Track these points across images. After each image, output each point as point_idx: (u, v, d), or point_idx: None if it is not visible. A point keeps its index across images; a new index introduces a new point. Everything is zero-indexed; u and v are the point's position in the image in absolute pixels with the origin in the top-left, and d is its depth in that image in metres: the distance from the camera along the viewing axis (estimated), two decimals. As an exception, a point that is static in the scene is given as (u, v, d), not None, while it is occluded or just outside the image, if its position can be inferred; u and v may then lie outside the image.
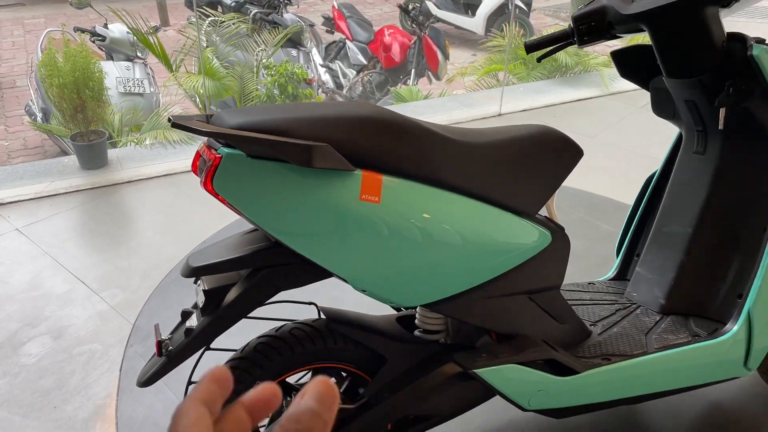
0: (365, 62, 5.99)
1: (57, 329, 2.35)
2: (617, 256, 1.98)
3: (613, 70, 4.89)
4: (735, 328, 1.58)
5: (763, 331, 1.59)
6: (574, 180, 3.27)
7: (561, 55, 4.75)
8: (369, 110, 1.24)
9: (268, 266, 1.28)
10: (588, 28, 1.69)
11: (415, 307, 1.54)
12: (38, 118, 4.97)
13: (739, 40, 1.54)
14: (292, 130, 1.16)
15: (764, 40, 1.61)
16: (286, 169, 1.16)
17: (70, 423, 1.97)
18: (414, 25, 6.12)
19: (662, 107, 1.80)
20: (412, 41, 5.96)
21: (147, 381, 1.30)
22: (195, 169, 1.26)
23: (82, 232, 2.96)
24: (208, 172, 1.17)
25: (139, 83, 4.83)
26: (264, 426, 1.49)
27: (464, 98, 4.62)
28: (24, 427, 1.95)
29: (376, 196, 1.20)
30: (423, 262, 1.28)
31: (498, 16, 7.73)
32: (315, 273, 1.29)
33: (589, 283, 1.92)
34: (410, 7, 7.63)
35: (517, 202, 1.39)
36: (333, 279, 1.37)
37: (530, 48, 1.81)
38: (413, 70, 5.89)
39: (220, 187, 1.17)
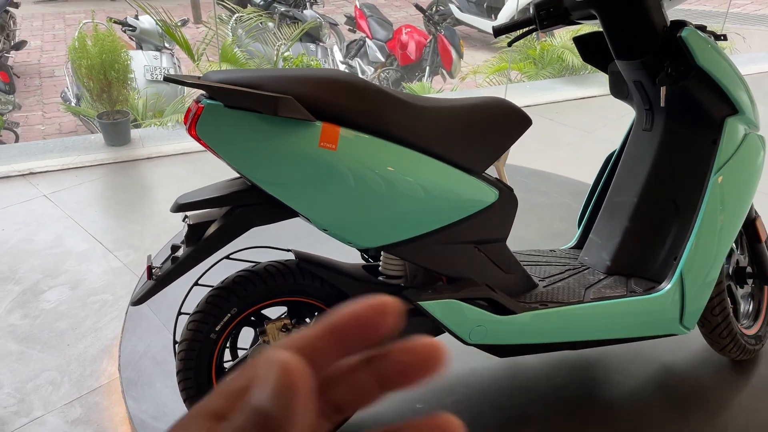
0: (383, 59, 6.21)
1: (74, 281, 2.60)
2: (578, 228, 2.15)
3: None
4: (668, 287, 1.74)
5: (695, 292, 1.75)
6: (567, 168, 3.45)
7: (568, 56, 4.90)
8: (331, 72, 1.45)
9: (244, 205, 1.50)
10: (547, 13, 1.88)
11: (377, 255, 1.74)
12: (72, 104, 5.31)
13: (679, 26, 1.71)
14: (263, 85, 1.37)
15: (705, 27, 1.78)
16: (257, 118, 1.38)
17: (80, 358, 2.21)
18: (431, 25, 6.33)
19: (618, 89, 1.97)
20: (428, 40, 6.17)
21: (137, 301, 1.53)
22: (185, 119, 1.48)
23: (103, 200, 3.23)
24: (193, 120, 1.39)
25: (166, 72, 5.12)
26: None
27: (471, 93, 4.80)
28: (40, 360, 2.20)
29: (333, 144, 1.41)
30: (375, 207, 1.48)
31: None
32: (284, 212, 1.50)
33: (550, 250, 2.10)
34: (433, 9, 7.84)
35: (465, 161, 1.58)
36: (313, 231, 1.56)
37: (497, 32, 2.00)
38: (428, 68, 6.10)
39: (202, 133, 1.39)
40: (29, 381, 2.11)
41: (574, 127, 4.18)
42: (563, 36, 5.34)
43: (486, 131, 1.60)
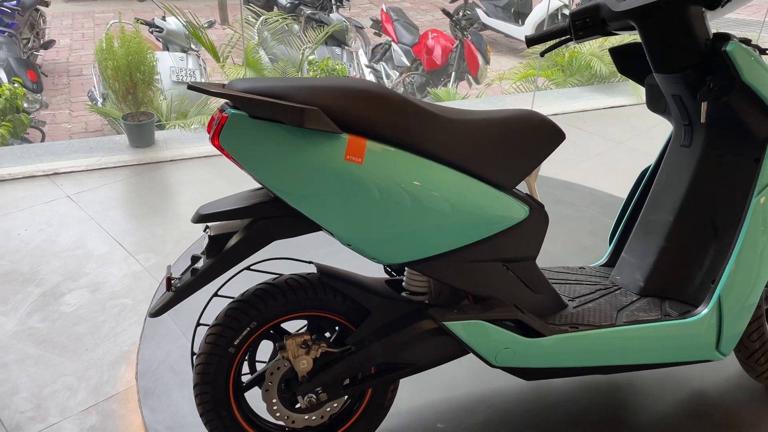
0: (408, 64, 6.16)
1: (95, 284, 2.59)
2: (609, 245, 2.08)
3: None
4: (705, 311, 1.66)
5: (733, 316, 1.67)
6: (596, 180, 3.37)
7: (596, 64, 4.81)
8: (358, 83, 1.41)
9: (266, 217, 1.46)
10: (583, 23, 1.81)
11: (402, 269, 1.69)
12: (98, 103, 5.34)
13: (723, 39, 1.63)
14: (289, 96, 1.33)
15: (749, 40, 1.70)
16: (282, 129, 1.33)
17: (98, 363, 2.19)
18: (457, 30, 6.27)
19: (655, 103, 1.90)
20: (455, 45, 6.10)
21: (156, 312, 1.49)
22: (209, 128, 1.44)
23: (125, 202, 3.22)
24: (216, 129, 1.35)
25: (191, 73, 5.13)
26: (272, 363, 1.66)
27: (497, 100, 4.74)
28: (58, 364, 2.18)
29: (359, 158, 1.36)
30: (401, 222, 1.43)
31: (544, 25, 7.79)
32: (306, 225, 1.46)
33: (580, 268, 2.03)
34: (460, 14, 7.77)
35: (495, 176, 1.52)
36: (333, 242, 1.52)
37: (530, 42, 1.93)
38: (453, 73, 6.03)
39: (225, 143, 1.35)
40: (46, 386, 2.10)
41: (603, 137, 4.09)
42: (592, 43, 5.24)
43: (518, 145, 1.54)
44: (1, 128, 3.94)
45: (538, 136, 1.58)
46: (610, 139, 4.07)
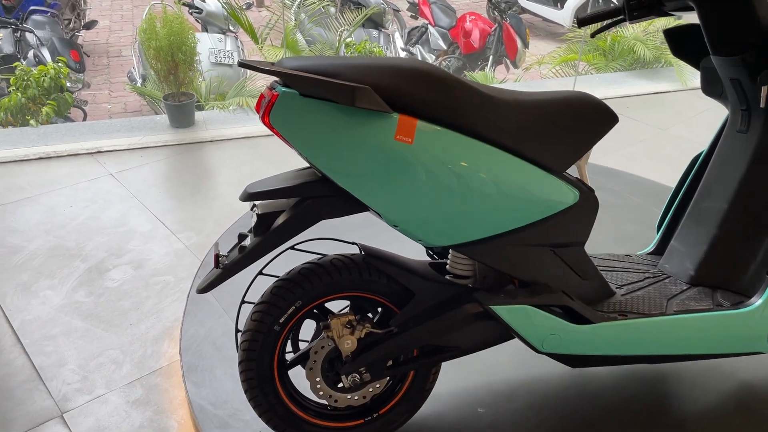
0: (445, 47, 6.09)
1: (138, 261, 2.63)
2: (657, 232, 2.03)
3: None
4: (759, 302, 1.61)
5: (788, 308, 1.62)
6: (640, 167, 3.30)
7: (640, 48, 4.69)
8: (410, 62, 1.39)
9: (314, 197, 1.45)
10: (638, 3, 1.76)
11: (445, 252, 1.68)
12: (138, 84, 5.41)
13: None
14: (340, 74, 1.32)
15: (816, 22, 1.63)
16: (333, 107, 1.32)
17: (142, 339, 2.23)
18: (496, 13, 6.16)
19: (711, 87, 1.84)
20: (493, 28, 6.01)
21: (204, 288, 1.50)
22: (258, 107, 1.44)
23: (166, 181, 3.26)
24: (267, 108, 1.35)
25: (229, 55, 5.15)
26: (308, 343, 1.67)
27: (536, 85, 4.66)
28: (104, 339, 2.23)
29: (410, 138, 1.34)
30: (450, 203, 1.41)
31: (586, 8, 7.62)
32: (354, 205, 1.45)
33: (626, 255, 1.99)
34: (499, -5, 7.65)
35: (546, 159, 1.49)
36: (376, 222, 1.52)
37: (582, 22, 1.89)
38: (491, 57, 5.95)
39: (275, 122, 1.35)
40: (93, 359, 2.14)
41: (647, 123, 3.99)
42: (636, 26, 5.11)
43: (569, 128, 1.51)
44: (47, 107, 4.02)
45: (591, 119, 1.54)
46: (653, 125, 3.97)
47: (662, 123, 3.97)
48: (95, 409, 1.96)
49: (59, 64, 4.16)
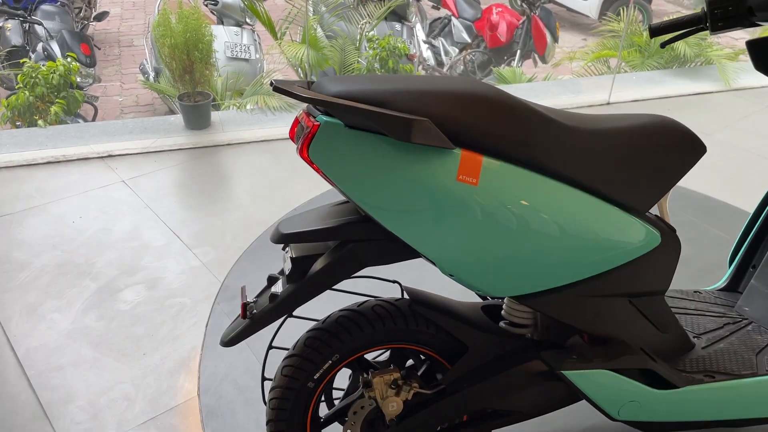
0: (469, 40, 5.84)
1: (152, 280, 2.45)
2: (729, 266, 1.82)
3: (738, 64, 4.52)
4: None
5: None
6: (684, 178, 3.06)
7: (680, 45, 4.42)
8: (472, 86, 1.18)
9: (356, 240, 1.25)
10: (724, 13, 1.53)
11: (503, 298, 1.48)
12: (150, 77, 5.22)
13: None
14: (393, 102, 1.11)
15: None
16: (383, 141, 1.12)
17: (157, 371, 2.05)
18: (524, 5, 5.90)
19: None
20: (521, 21, 5.75)
21: (230, 341, 1.31)
22: (292, 135, 1.24)
23: (182, 189, 3.07)
24: (305, 140, 1.14)
25: (246, 49, 4.94)
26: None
27: (571, 84, 4.41)
28: (115, 370, 2.05)
29: (474, 178, 1.14)
30: (518, 252, 1.21)
31: (614, 0, 7.34)
32: (403, 252, 1.25)
33: (695, 292, 1.78)
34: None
35: (627, 198, 1.28)
36: (419, 259, 1.33)
37: (655, 32, 1.66)
38: (519, 51, 5.69)
39: (316, 156, 1.14)
40: (103, 394, 1.97)
41: (690, 127, 3.74)
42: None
43: (654, 161, 1.30)
44: (56, 106, 3.84)
45: (677, 150, 1.33)
46: (697, 130, 3.71)
47: (706, 127, 3.73)
48: (106, 453, 1.79)
49: (69, 59, 3.96)
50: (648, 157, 1.30)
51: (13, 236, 2.67)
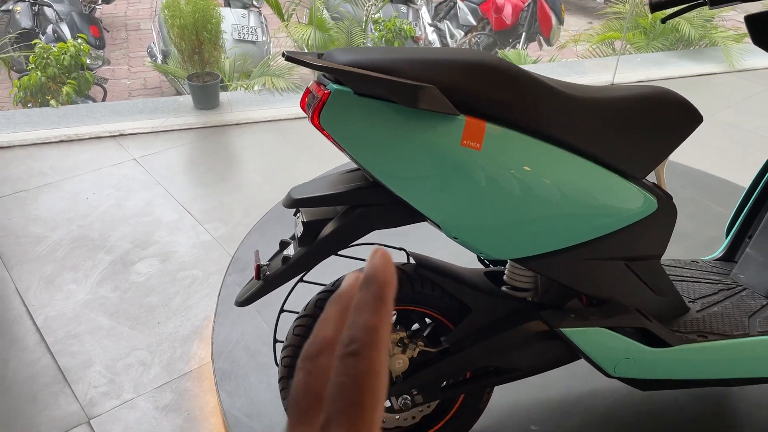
0: (474, 23, 5.86)
1: (164, 253, 2.52)
2: (726, 237, 1.87)
3: (743, 46, 4.54)
4: None
5: None
6: (687, 157, 3.11)
7: (684, 26, 4.44)
8: (477, 56, 1.23)
9: (365, 205, 1.31)
10: (723, -13, 1.58)
11: (504, 262, 1.54)
12: (158, 60, 5.26)
13: None
14: (401, 70, 1.17)
15: None
16: (391, 108, 1.17)
17: (171, 338, 2.13)
18: (529, -13, 5.90)
19: None
20: (526, 3, 5.76)
21: (244, 301, 1.38)
22: (303, 105, 1.29)
23: (192, 167, 3.13)
24: (316, 107, 1.20)
25: (253, 31, 4.98)
26: None
27: (575, 65, 4.44)
28: (130, 338, 2.13)
29: (478, 143, 1.19)
30: (519, 215, 1.27)
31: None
32: (409, 215, 1.31)
33: (692, 261, 1.83)
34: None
35: (625, 164, 1.33)
36: (424, 227, 1.39)
37: (656, 6, 1.70)
38: (524, 34, 5.71)
39: (327, 123, 1.20)
40: (120, 359, 2.04)
41: (693, 108, 3.78)
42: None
43: (652, 129, 1.35)
44: (67, 86, 3.89)
45: (675, 119, 1.38)
46: (700, 110, 3.76)
47: (709, 107, 3.76)
48: (123, 415, 1.86)
49: (79, 41, 4.01)
50: (646, 126, 1.35)
51: (28, 211, 2.75)
